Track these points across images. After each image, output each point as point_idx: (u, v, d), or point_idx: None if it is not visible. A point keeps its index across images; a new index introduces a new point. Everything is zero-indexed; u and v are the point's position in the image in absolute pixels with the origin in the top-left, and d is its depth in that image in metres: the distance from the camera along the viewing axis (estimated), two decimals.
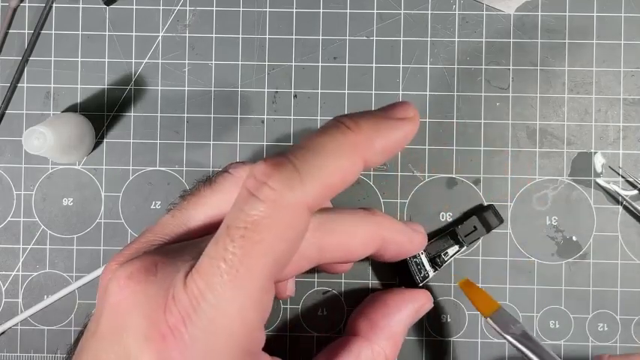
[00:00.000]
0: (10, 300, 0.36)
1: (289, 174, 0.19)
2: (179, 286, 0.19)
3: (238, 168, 0.25)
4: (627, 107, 0.35)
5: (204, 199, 0.24)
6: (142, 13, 0.36)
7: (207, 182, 0.25)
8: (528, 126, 0.36)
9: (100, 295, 0.22)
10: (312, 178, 0.19)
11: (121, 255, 0.23)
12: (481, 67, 0.36)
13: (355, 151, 0.20)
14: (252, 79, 0.36)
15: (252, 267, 0.19)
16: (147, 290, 0.20)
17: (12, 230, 0.36)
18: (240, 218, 0.19)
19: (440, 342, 0.35)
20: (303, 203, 0.19)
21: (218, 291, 0.19)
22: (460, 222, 0.34)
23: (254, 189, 0.19)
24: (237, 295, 0.19)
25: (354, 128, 0.20)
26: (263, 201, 0.19)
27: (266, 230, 0.19)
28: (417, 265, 0.33)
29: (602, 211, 0.35)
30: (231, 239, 0.19)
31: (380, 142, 0.21)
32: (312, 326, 0.35)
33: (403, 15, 0.36)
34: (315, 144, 0.20)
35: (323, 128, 0.21)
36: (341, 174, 0.20)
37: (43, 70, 0.36)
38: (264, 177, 0.19)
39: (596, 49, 0.36)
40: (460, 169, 0.36)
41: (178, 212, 0.24)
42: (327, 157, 0.20)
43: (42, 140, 0.31)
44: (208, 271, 0.19)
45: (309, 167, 0.19)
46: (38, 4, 0.36)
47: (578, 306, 0.35)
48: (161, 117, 0.36)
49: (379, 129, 0.21)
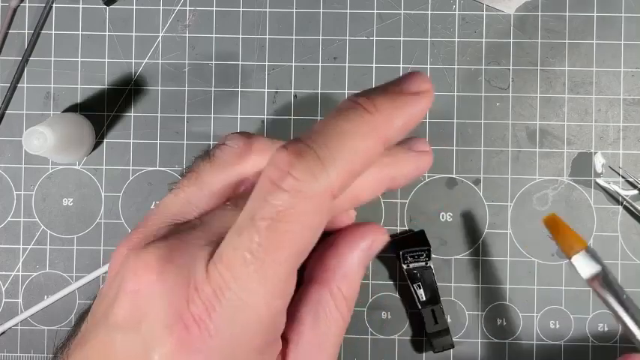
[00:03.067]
0: (10, 300, 0.36)
1: (312, 162, 0.19)
2: (201, 276, 0.19)
3: (235, 139, 0.25)
4: (627, 107, 0.35)
5: (206, 175, 0.24)
6: (142, 13, 0.36)
7: (205, 157, 0.25)
8: (528, 126, 0.36)
9: (110, 280, 0.22)
10: (335, 165, 0.19)
11: (130, 240, 0.23)
12: (481, 67, 0.36)
13: (375, 133, 0.20)
14: (252, 79, 0.36)
15: (278, 257, 0.19)
16: (165, 279, 0.20)
17: (12, 230, 0.36)
18: (266, 209, 0.19)
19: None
20: (328, 191, 0.19)
21: (244, 282, 0.19)
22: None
23: (277, 179, 0.19)
24: (262, 286, 0.19)
25: (371, 109, 0.20)
26: (287, 191, 0.19)
27: (292, 221, 0.19)
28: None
29: (602, 211, 0.35)
30: (257, 230, 0.19)
31: (399, 120, 0.20)
32: None
33: (403, 15, 0.36)
34: (334, 128, 0.20)
35: (340, 111, 0.20)
36: (363, 158, 0.20)
37: (43, 70, 0.36)
38: (287, 166, 0.19)
39: (596, 49, 0.36)
40: (460, 169, 0.36)
41: (181, 191, 0.24)
42: (348, 142, 0.19)
43: (42, 140, 0.31)
44: (233, 262, 0.19)
45: (331, 154, 0.19)
46: (38, 4, 0.36)
47: (577, 306, 0.35)
48: (161, 117, 0.36)
49: (397, 107, 0.20)
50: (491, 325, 0.35)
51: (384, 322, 0.35)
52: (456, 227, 0.35)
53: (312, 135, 0.20)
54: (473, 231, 0.35)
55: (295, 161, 0.19)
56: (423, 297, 0.34)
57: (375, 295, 0.35)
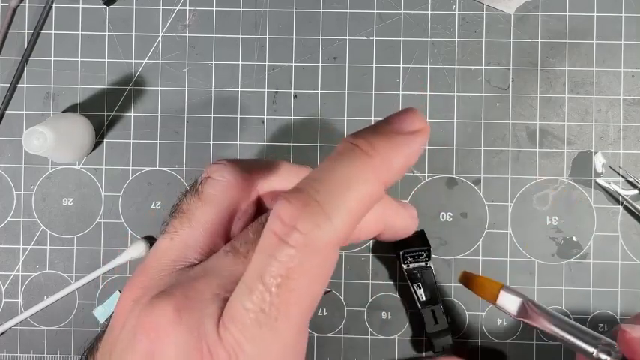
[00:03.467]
0: (10, 300, 0.36)
1: (317, 214, 0.18)
2: (213, 337, 0.19)
3: (222, 171, 0.24)
4: (627, 107, 0.35)
5: (197, 214, 0.24)
6: (142, 13, 0.36)
7: (194, 193, 0.24)
8: (528, 126, 0.36)
9: (117, 331, 0.22)
10: (339, 213, 0.19)
11: (134, 289, 0.22)
12: (481, 67, 0.36)
13: (376, 177, 0.20)
14: (252, 79, 0.36)
15: (290, 313, 0.19)
16: (177, 341, 0.19)
17: (12, 230, 0.36)
18: (274, 266, 0.18)
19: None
20: (334, 240, 0.19)
21: (257, 342, 0.18)
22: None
23: (283, 234, 0.18)
24: (276, 343, 0.19)
25: (371, 152, 0.20)
26: (294, 247, 0.18)
27: (301, 276, 0.18)
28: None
29: (602, 211, 0.35)
30: (267, 289, 0.18)
31: (398, 161, 0.20)
32: (312, 326, 0.35)
33: (403, 15, 0.36)
34: (334, 174, 0.19)
35: (338, 155, 0.20)
36: (366, 202, 0.20)
37: (43, 70, 0.36)
38: (292, 220, 0.18)
39: (596, 49, 0.36)
40: (460, 169, 0.36)
41: (176, 235, 0.24)
42: (350, 187, 0.19)
43: (42, 140, 0.31)
44: (245, 322, 0.19)
45: (335, 203, 0.19)
46: (38, 4, 0.36)
47: (578, 306, 0.35)
48: (161, 117, 0.36)
49: (395, 148, 0.20)
50: (491, 325, 0.35)
51: (384, 322, 0.35)
52: (456, 227, 0.35)
53: (313, 184, 0.19)
54: (473, 231, 0.35)
55: (300, 215, 0.18)
56: (423, 297, 0.34)
57: (375, 295, 0.35)
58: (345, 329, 0.35)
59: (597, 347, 0.25)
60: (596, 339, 0.26)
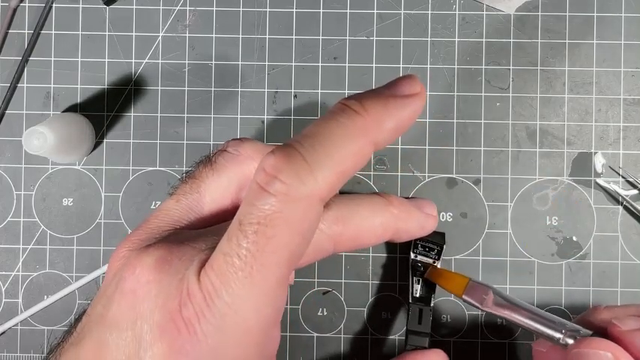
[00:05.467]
0: (10, 300, 0.36)
1: (300, 166, 0.19)
2: (193, 280, 0.19)
3: (237, 145, 0.25)
4: (627, 107, 0.35)
5: (207, 182, 0.24)
6: (142, 13, 0.36)
7: (207, 163, 0.25)
8: (528, 126, 0.36)
9: (108, 280, 0.22)
10: (323, 168, 0.19)
11: (130, 241, 0.23)
12: (481, 67, 0.36)
13: (365, 136, 0.20)
14: (252, 79, 0.36)
15: (267, 263, 0.19)
16: (161, 281, 0.20)
17: (12, 230, 0.36)
18: (253, 213, 0.19)
19: (440, 342, 0.35)
20: (316, 195, 0.19)
21: (232, 288, 0.19)
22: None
23: (265, 183, 0.19)
24: (251, 292, 0.19)
25: (361, 111, 0.20)
26: (274, 195, 0.19)
27: (279, 225, 0.19)
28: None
29: (602, 211, 0.35)
30: (245, 235, 0.19)
31: (389, 123, 0.20)
32: (312, 326, 0.35)
33: (403, 15, 0.36)
34: (323, 131, 0.20)
35: (330, 113, 0.20)
36: (352, 161, 0.20)
37: (43, 70, 0.36)
38: (275, 170, 0.19)
39: (596, 49, 0.36)
40: (460, 169, 0.36)
41: (183, 197, 0.24)
42: (336, 144, 0.19)
43: (42, 140, 0.31)
44: (222, 267, 0.19)
45: (319, 157, 0.19)
46: (38, 4, 0.36)
47: (578, 306, 0.35)
48: (161, 117, 0.36)
49: (387, 109, 0.20)
50: (491, 325, 0.35)
51: (384, 322, 0.35)
52: (456, 227, 0.35)
53: (301, 138, 0.19)
54: (473, 231, 0.35)
55: (282, 165, 0.19)
56: (417, 293, 0.33)
57: (375, 295, 0.35)
58: (345, 329, 0.35)
59: (563, 333, 0.25)
60: (563, 325, 0.26)
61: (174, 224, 0.23)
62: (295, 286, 0.35)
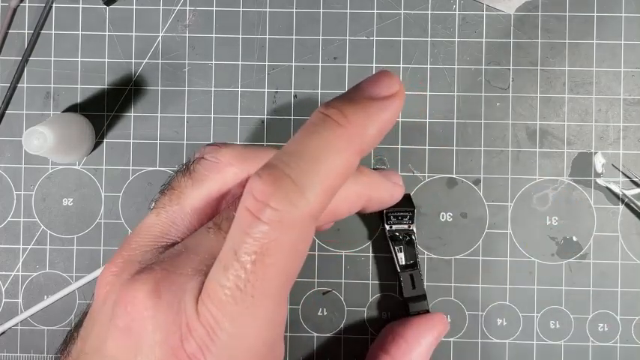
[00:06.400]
0: (10, 300, 0.36)
1: (289, 190, 0.18)
2: (191, 313, 0.19)
3: (215, 152, 0.24)
4: (627, 107, 0.35)
5: (187, 192, 0.23)
6: (142, 13, 0.36)
7: (185, 172, 0.24)
8: (528, 126, 0.36)
9: (98, 307, 0.21)
10: (313, 188, 0.18)
11: (114, 263, 0.22)
12: (481, 67, 0.36)
13: (350, 147, 0.19)
14: (252, 79, 0.36)
15: (267, 290, 0.18)
16: (156, 315, 0.19)
17: (12, 230, 0.36)
18: (248, 243, 0.18)
19: (440, 342, 0.35)
20: (308, 215, 0.19)
21: (235, 319, 0.18)
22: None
23: (256, 211, 0.18)
24: (254, 320, 0.19)
25: (343, 122, 0.19)
26: (267, 223, 0.18)
27: (276, 252, 0.18)
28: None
29: (602, 211, 0.35)
30: (242, 266, 0.18)
31: (373, 128, 0.19)
32: (312, 326, 0.35)
33: (403, 15, 0.36)
34: (307, 147, 0.19)
35: (311, 125, 0.19)
36: (340, 174, 0.19)
37: (43, 70, 0.36)
38: (264, 197, 0.18)
39: (596, 49, 0.36)
40: (460, 169, 0.36)
41: (163, 211, 0.23)
42: (323, 160, 0.19)
43: (42, 140, 0.31)
44: (221, 299, 0.18)
45: (307, 176, 0.18)
46: (38, 4, 0.36)
47: (578, 306, 0.35)
48: (161, 117, 0.36)
49: (368, 115, 0.19)
50: (491, 325, 0.35)
51: (384, 322, 0.35)
52: (456, 227, 0.35)
53: (285, 157, 0.19)
54: (473, 231, 0.35)
55: (271, 190, 0.18)
56: (402, 261, 0.33)
57: (375, 295, 0.35)
58: (345, 329, 0.35)
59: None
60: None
61: (156, 240, 0.23)
62: (295, 286, 0.35)
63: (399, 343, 0.31)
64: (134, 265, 0.21)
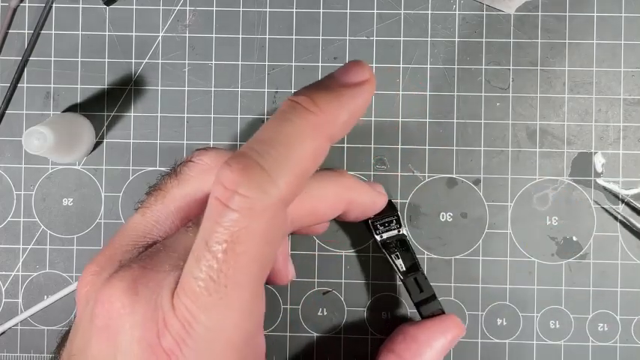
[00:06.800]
0: (10, 300, 0.36)
1: (258, 177, 0.18)
2: (167, 308, 0.19)
3: (201, 155, 0.24)
4: (627, 107, 0.35)
5: (172, 192, 0.23)
6: (142, 13, 0.36)
7: (172, 174, 0.24)
8: (528, 126, 0.36)
9: (81, 309, 0.21)
10: (283, 174, 0.18)
11: (95, 263, 0.22)
12: (481, 67, 0.36)
13: (320, 133, 0.19)
14: (252, 79, 0.36)
15: (240, 279, 0.18)
16: (133, 312, 0.19)
17: (12, 230, 0.36)
18: (218, 232, 0.18)
19: None
20: (279, 201, 0.18)
21: (209, 311, 0.18)
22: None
23: (225, 199, 0.18)
24: (230, 311, 0.18)
25: (313, 109, 0.19)
26: (237, 211, 0.18)
27: (247, 240, 0.18)
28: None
29: (602, 211, 0.35)
30: (213, 256, 0.18)
31: (343, 116, 0.20)
32: (312, 326, 0.35)
33: (403, 15, 0.36)
34: (277, 134, 0.19)
35: (281, 113, 0.19)
36: (310, 160, 0.19)
37: (43, 70, 0.36)
38: (234, 184, 0.18)
39: (596, 49, 0.36)
40: (460, 169, 0.36)
41: (148, 210, 0.23)
42: (293, 146, 0.19)
43: (42, 140, 0.31)
44: (195, 291, 0.18)
45: (277, 163, 0.18)
46: (38, 4, 0.36)
47: (578, 306, 0.35)
48: (161, 117, 0.36)
49: (339, 102, 0.20)
50: (491, 325, 0.35)
51: (384, 322, 0.35)
52: (456, 227, 0.35)
53: (255, 144, 0.19)
54: (473, 231, 0.35)
55: (241, 178, 0.18)
56: (402, 267, 0.33)
57: (375, 295, 0.35)
58: (345, 329, 0.35)
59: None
60: None
61: (138, 240, 0.23)
62: (295, 286, 0.35)
63: (409, 345, 0.30)
64: (114, 265, 0.21)
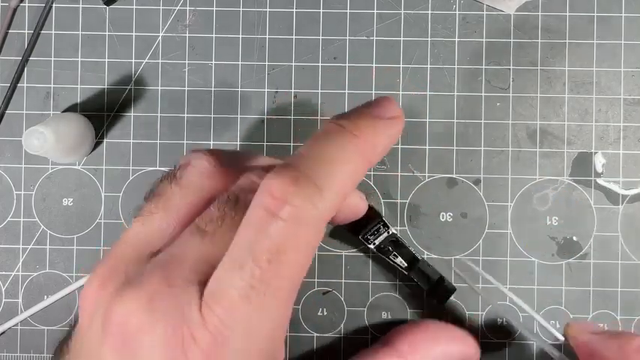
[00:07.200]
0: (10, 300, 0.36)
1: (309, 189, 0.18)
2: (196, 322, 0.18)
3: (201, 158, 0.24)
4: (628, 107, 0.35)
5: (173, 198, 0.23)
6: (142, 13, 0.36)
7: (172, 179, 0.24)
8: (528, 126, 0.36)
9: (87, 321, 0.21)
10: (331, 190, 0.19)
11: (99, 276, 0.21)
12: (481, 67, 0.36)
13: (362, 156, 0.20)
14: (252, 79, 0.36)
15: (280, 288, 0.18)
16: (153, 331, 0.18)
17: (12, 230, 0.36)
18: (265, 241, 0.18)
19: None
20: (325, 215, 0.19)
21: (245, 320, 0.18)
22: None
23: (274, 207, 0.18)
24: (265, 319, 0.18)
25: (357, 133, 0.20)
26: (286, 220, 0.18)
27: (292, 251, 0.18)
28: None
29: (602, 211, 0.35)
30: (258, 265, 0.18)
31: (381, 143, 0.21)
32: (312, 326, 0.35)
33: (403, 15, 0.36)
34: (323, 153, 0.19)
35: (325, 134, 0.20)
36: (352, 181, 0.20)
37: (43, 70, 0.36)
38: (284, 194, 0.18)
39: (596, 49, 0.36)
40: (460, 169, 0.36)
41: (149, 219, 0.23)
42: (338, 166, 0.19)
43: (42, 140, 0.31)
44: (232, 300, 0.18)
45: (325, 179, 0.19)
46: (38, 4, 0.36)
47: (578, 306, 0.35)
48: (161, 117, 0.36)
49: (378, 131, 0.21)
50: (491, 325, 0.35)
51: (384, 322, 0.35)
52: (456, 227, 0.35)
53: (304, 160, 0.19)
54: (473, 231, 0.35)
55: (292, 189, 0.18)
56: (403, 263, 0.34)
57: (375, 295, 0.35)
58: (345, 329, 0.35)
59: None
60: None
61: (142, 249, 0.22)
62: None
63: (428, 338, 0.31)
64: (119, 276, 0.21)
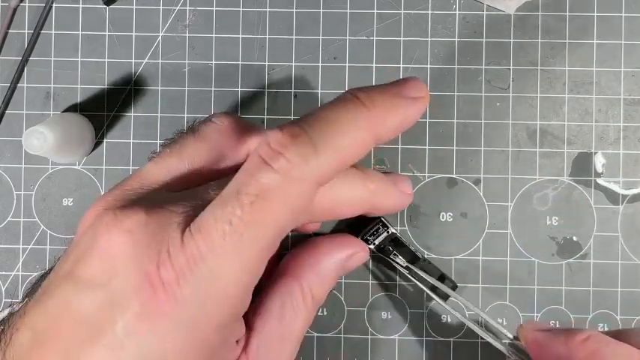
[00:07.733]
0: (10, 300, 0.36)
1: (305, 146, 0.19)
2: (176, 242, 0.19)
3: (222, 117, 0.25)
4: (628, 107, 0.35)
5: (188, 147, 0.24)
6: (142, 13, 0.36)
7: (190, 130, 0.25)
8: (528, 126, 0.36)
9: (78, 237, 0.21)
10: (327, 152, 0.19)
11: (105, 200, 0.22)
12: (481, 67, 0.36)
13: (369, 127, 0.20)
14: (252, 79, 0.36)
15: (257, 233, 0.19)
16: (139, 240, 0.19)
17: (12, 230, 0.36)
18: (252, 184, 0.19)
19: (440, 342, 0.35)
20: (315, 177, 0.19)
21: (219, 254, 0.19)
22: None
23: (268, 157, 0.19)
24: (236, 260, 0.19)
25: (369, 104, 0.20)
26: (277, 171, 0.19)
27: (276, 200, 0.19)
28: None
29: (602, 211, 0.35)
30: (240, 204, 0.19)
31: (393, 120, 0.21)
32: (312, 326, 0.35)
33: (403, 15, 0.36)
34: (331, 116, 0.20)
35: (338, 100, 0.21)
36: (354, 149, 0.20)
37: (43, 70, 0.36)
38: (280, 147, 0.19)
39: (596, 49, 0.36)
40: (460, 169, 0.36)
41: (162, 160, 0.24)
42: (342, 131, 0.20)
43: (42, 140, 0.31)
44: (212, 232, 0.19)
45: (324, 140, 0.19)
46: (38, 4, 0.36)
47: (578, 306, 0.35)
48: (161, 117, 0.36)
49: (393, 107, 0.21)
50: (491, 324, 0.35)
51: (384, 322, 0.35)
52: (456, 227, 0.35)
53: (309, 119, 0.20)
54: (473, 231, 0.35)
55: (289, 143, 0.19)
56: (404, 262, 0.33)
57: (375, 295, 0.35)
58: (345, 329, 0.35)
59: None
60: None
61: (151, 185, 0.23)
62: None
63: (308, 249, 0.29)
64: (125, 201, 0.22)
